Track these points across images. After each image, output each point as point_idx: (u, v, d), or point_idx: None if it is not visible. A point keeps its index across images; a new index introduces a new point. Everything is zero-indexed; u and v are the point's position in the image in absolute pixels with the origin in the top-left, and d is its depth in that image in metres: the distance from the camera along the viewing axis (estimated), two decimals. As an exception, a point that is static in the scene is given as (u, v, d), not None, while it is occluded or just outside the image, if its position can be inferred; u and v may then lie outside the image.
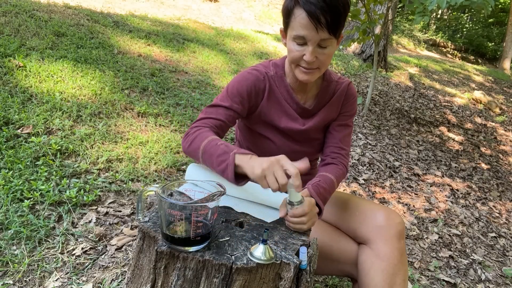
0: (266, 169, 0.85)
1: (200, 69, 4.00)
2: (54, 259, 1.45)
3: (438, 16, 19.58)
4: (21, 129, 2.09)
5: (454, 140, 4.61)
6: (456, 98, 6.53)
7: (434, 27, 18.40)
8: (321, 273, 1.25)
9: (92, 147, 2.15)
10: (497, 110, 6.56)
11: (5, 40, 2.89)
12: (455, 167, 3.79)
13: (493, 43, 17.73)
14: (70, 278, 1.39)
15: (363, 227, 1.13)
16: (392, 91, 5.75)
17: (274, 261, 0.77)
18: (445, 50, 16.01)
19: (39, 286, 1.34)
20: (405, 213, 2.66)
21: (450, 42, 16.87)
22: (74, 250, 1.52)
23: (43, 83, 2.56)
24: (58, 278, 1.38)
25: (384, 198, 2.76)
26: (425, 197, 2.97)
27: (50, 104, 2.35)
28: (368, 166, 3.17)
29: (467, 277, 2.14)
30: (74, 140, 2.14)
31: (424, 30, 16.93)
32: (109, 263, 1.50)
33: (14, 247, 1.46)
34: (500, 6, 16.89)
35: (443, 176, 3.48)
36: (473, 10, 18.63)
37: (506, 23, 14.38)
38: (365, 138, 3.72)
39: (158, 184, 2.05)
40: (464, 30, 18.99)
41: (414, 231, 2.43)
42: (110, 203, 1.83)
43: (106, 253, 1.55)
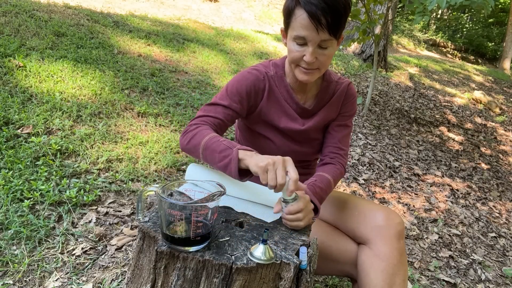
0: (271, 164, 0.86)
1: (200, 69, 4.00)
2: (54, 259, 1.45)
3: (438, 16, 19.57)
4: (21, 129, 2.09)
5: (454, 140, 4.61)
6: (456, 98, 6.53)
7: (434, 27, 18.39)
8: (320, 273, 1.25)
9: (92, 147, 2.15)
10: (497, 110, 6.56)
11: (5, 40, 2.89)
12: (455, 167, 3.79)
13: (493, 43, 17.73)
14: (70, 278, 1.39)
15: (363, 227, 1.13)
16: (392, 91, 5.75)
17: (274, 261, 0.77)
18: (445, 50, 16.01)
19: (39, 286, 1.34)
20: (405, 213, 2.66)
21: (450, 42, 16.87)
22: (74, 250, 1.52)
23: (43, 83, 2.56)
24: (58, 278, 1.38)
25: (384, 198, 2.76)
26: (425, 197, 2.97)
27: (50, 104, 2.35)
28: (368, 166, 3.17)
29: (467, 277, 2.14)
30: (74, 140, 2.14)
31: (424, 30, 16.93)
32: (109, 263, 1.50)
33: (14, 247, 1.46)
34: (500, 6, 16.89)
35: (443, 176, 3.48)
36: (473, 10, 18.63)
37: (506, 23, 14.37)
38: (365, 138, 3.72)
39: (158, 184, 2.05)
40: (464, 30, 18.99)
41: (414, 231, 2.43)
42: (110, 203, 1.83)
43: (106, 253, 1.55)
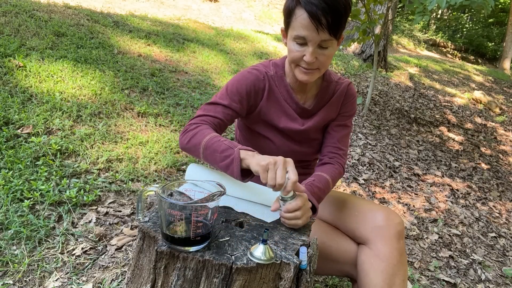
0: (272, 163, 0.87)
1: (200, 69, 4.00)
2: (54, 259, 1.45)
3: (438, 16, 19.57)
4: (21, 129, 2.09)
5: (454, 140, 4.61)
6: (456, 98, 6.53)
7: (434, 27, 18.39)
8: (320, 273, 1.25)
9: (92, 147, 2.15)
10: (497, 110, 6.56)
11: (5, 40, 2.89)
12: (455, 167, 3.79)
13: (493, 43, 17.73)
14: (70, 278, 1.39)
15: (363, 227, 1.13)
16: (392, 91, 5.75)
17: (274, 261, 0.77)
18: (445, 50, 16.01)
19: (39, 286, 1.34)
20: (405, 213, 2.66)
21: (450, 42, 16.86)
22: (74, 250, 1.52)
23: (43, 83, 2.56)
24: (58, 278, 1.38)
25: (384, 198, 2.76)
26: (425, 197, 2.97)
27: (50, 104, 2.35)
28: (368, 166, 3.17)
29: (467, 277, 2.14)
30: (74, 140, 2.14)
31: (424, 30, 16.93)
32: (109, 263, 1.50)
33: (14, 247, 1.46)
34: (500, 6, 16.89)
35: (443, 176, 3.48)
36: (473, 10, 18.63)
37: (506, 23, 14.37)
38: (365, 138, 3.72)
39: (158, 184, 2.05)
40: (464, 30, 18.99)
41: (414, 231, 2.43)
42: (110, 203, 1.83)
43: (106, 253, 1.55)
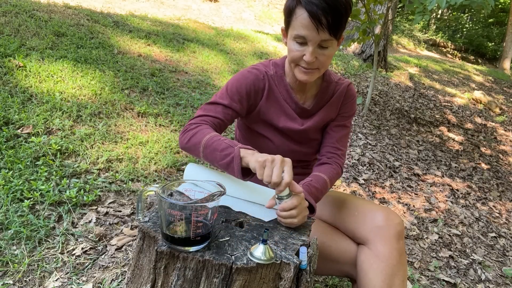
0: (270, 161, 0.87)
1: (200, 69, 4.00)
2: (54, 259, 1.45)
3: (438, 16, 19.57)
4: (21, 129, 2.09)
5: (454, 140, 4.61)
6: (456, 98, 6.53)
7: (434, 27, 18.39)
8: (320, 273, 1.25)
9: (92, 147, 2.15)
10: (497, 110, 6.56)
11: (5, 40, 2.89)
12: (455, 167, 3.79)
13: (493, 43, 17.73)
14: (70, 278, 1.39)
15: (362, 228, 1.13)
16: (392, 91, 5.75)
17: (274, 261, 0.77)
18: (445, 50, 16.01)
19: (39, 286, 1.34)
20: (405, 213, 2.66)
21: (450, 42, 16.87)
22: (74, 250, 1.52)
23: (43, 83, 2.56)
24: (58, 278, 1.38)
25: (384, 198, 2.76)
26: (425, 197, 2.97)
27: (50, 104, 2.35)
28: (368, 166, 3.17)
29: (467, 277, 2.14)
30: (74, 140, 2.14)
31: (424, 30, 16.93)
32: (109, 263, 1.50)
33: (14, 247, 1.46)
34: (500, 6, 16.89)
35: (443, 176, 3.48)
36: (473, 10, 18.63)
37: (506, 23, 14.38)
38: (365, 138, 3.72)
39: (158, 184, 2.05)
40: (464, 30, 18.99)
41: (414, 231, 2.43)
42: (110, 203, 1.83)
43: (106, 253, 1.55)
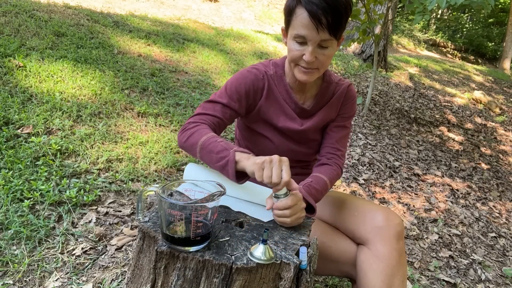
0: (268, 162, 0.87)
1: (200, 69, 4.00)
2: (54, 259, 1.45)
3: (438, 16, 19.57)
4: (21, 129, 2.09)
5: (454, 140, 4.61)
6: (456, 98, 6.53)
7: (434, 27, 18.39)
8: (320, 273, 1.25)
9: (92, 147, 2.15)
10: (497, 110, 6.56)
11: (5, 40, 2.89)
12: (455, 167, 3.79)
13: (493, 43, 17.73)
14: (70, 278, 1.39)
15: (362, 228, 1.13)
16: (392, 91, 5.75)
17: (274, 261, 0.77)
18: (445, 50, 16.01)
19: (39, 286, 1.34)
20: (405, 213, 2.66)
21: (450, 42, 16.87)
22: (74, 250, 1.52)
23: (43, 83, 2.56)
24: (58, 278, 1.38)
25: (384, 198, 2.76)
26: (425, 197, 2.97)
27: (50, 104, 2.35)
28: (368, 166, 3.17)
29: (467, 277, 2.14)
30: (74, 140, 2.14)
31: (424, 30, 16.93)
32: (109, 263, 1.50)
33: (14, 247, 1.46)
34: (500, 6, 16.89)
35: (443, 176, 3.48)
36: (473, 10, 18.63)
37: (506, 23, 14.38)
38: (365, 138, 3.72)
39: (158, 184, 2.05)
40: (464, 30, 18.99)
41: (414, 231, 2.43)
42: (110, 203, 1.83)
43: (106, 253, 1.55)
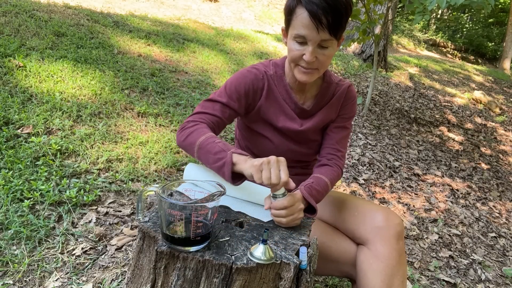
0: (266, 163, 0.87)
1: (200, 69, 4.00)
2: (54, 259, 1.45)
3: (438, 16, 19.57)
4: (21, 129, 2.09)
5: (454, 140, 4.61)
6: (456, 98, 6.53)
7: (434, 27, 18.39)
8: (320, 273, 1.25)
9: (92, 147, 2.15)
10: (497, 110, 6.56)
11: (5, 40, 2.89)
12: (455, 167, 3.79)
13: (493, 43, 17.72)
14: (70, 278, 1.39)
15: (362, 228, 1.13)
16: (392, 91, 5.75)
17: (274, 261, 0.77)
18: (445, 50, 16.01)
19: (39, 286, 1.34)
20: (405, 213, 2.66)
21: (450, 42, 16.86)
22: (74, 250, 1.52)
23: (43, 83, 2.56)
24: (58, 278, 1.38)
25: (384, 198, 2.76)
26: (425, 197, 2.97)
27: (50, 104, 2.35)
28: (368, 166, 3.17)
29: (467, 277, 2.14)
30: (74, 140, 2.14)
31: (424, 30, 16.93)
32: (109, 263, 1.50)
33: (14, 247, 1.46)
34: (500, 6, 16.89)
35: (443, 176, 3.48)
36: (473, 10, 18.63)
37: (506, 23, 14.38)
38: (365, 138, 3.72)
39: (158, 184, 2.05)
40: (464, 30, 18.99)
41: (414, 231, 2.43)
42: (110, 203, 1.83)
43: (106, 253, 1.55)
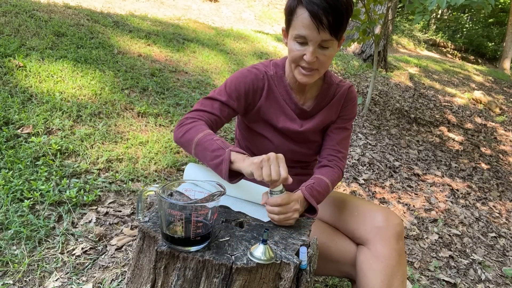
0: (265, 160, 0.87)
1: (200, 69, 4.00)
2: (54, 259, 1.45)
3: (438, 16, 19.57)
4: (21, 129, 2.09)
5: (454, 140, 4.61)
6: (456, 98, 6.53)
7: (434, 27, 18.39)
8: (319, 273, 1.25)
9: (92, 147, 2.15)
10: (497, 110, 6.56)
11: (5, 40, 2.89)
12: (455, 167, 3.79)
13: (493, 43, 17.72)
14: (70, 278, 1.39)
15: (362, 228, 1.13)
16: (392, 91, 5.75)
17: (274, 261, 0.77)
18: (445, 50, 16.00)
19: (39, 286, 1.34)
20: (405, 213, 2.66)
21: (450, 42, 16.86)
22: (74, 250, 1.52)
23: (43, 83, 2.56)
24: (58, 278, 1.38)
25: (384, 198, 2.76)
26: (425, 197, 2.97)
27: (50, 104, 2.35)
28: (368, 166, 3.17)
29: (467, 277, 2.14)
30: (74, 140, 2.14)
31: (424, 30, 16.93)
32: (109, 263, 1.50)
33: (14, 247, 1.46)
34: (500, 6, 16.89)
35: (443, 176, 3.48)
36: (473, 10, 18.63)
37: (506, 23, 14.38)
38: (365, 138, 3.72)
39: (158, 184, 2.05)
40: (464, 30, 18.99)
41: (414, 231, 2.43)
42: (110, 203, 1.83)
43: (106, 253, 1.55)
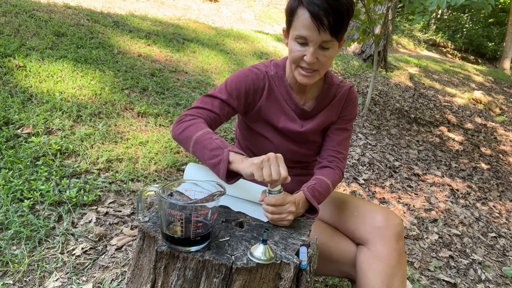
0: (266, 160, 0.88)
1: (200, 69, 4.00)
2: (54, 259, 1.45)
3: (438, 16, 19.57)
4: (21, 129, 2.09)
5: (454, 140, 4.61)
6: (456, 98, 6.53)
7: (434, 27, 18.39)
8: (319, 273, 1.25)
9: (92, 147, 2.15)
10: (497, 110, 6.56)
11: (5, 40, 2.89)
12: (455, 167, 3.79)
13: (493, 43, 17.73)
14: (70, 278, 1.39)
15: (362, 228, 1.13)
16: (392, 91, 5.75)
17: (274, 261, 0.77)
18: (445, 50, 16.00)
19: (39, 286, 1.34)
20: (405, 213, 2.66)
21: (450, 42, 16.86)
22: (74, 250, 1.52)
23: (43, 83, 2.56)
24: (58, 278, 1.38)
25: (384, 198, 2.76)
26: (425, 197, 2.97)
27: (50, 104, 2.35)
28: (368, 166, 3.17)
29: (467, 277, 2.14)
30: (74, 140, 2.14)
31: (424, 30, 16.93)
32: (109, 263, 1.50)
33: (14, 247, 1.46)
34: (500, 6, 16.89)
35: (443, 176, 3.48)
36: (473, 10, 18.63)
37: (506, 23, 14.38)
38: (365, 138, 3.72)
39: (158, 184, 2.05)
40: (464, 30, 18.99)
41: (414, 231, 2.43)
42: (110, 203, 1.83)
43: (106, 253, 1.55)
